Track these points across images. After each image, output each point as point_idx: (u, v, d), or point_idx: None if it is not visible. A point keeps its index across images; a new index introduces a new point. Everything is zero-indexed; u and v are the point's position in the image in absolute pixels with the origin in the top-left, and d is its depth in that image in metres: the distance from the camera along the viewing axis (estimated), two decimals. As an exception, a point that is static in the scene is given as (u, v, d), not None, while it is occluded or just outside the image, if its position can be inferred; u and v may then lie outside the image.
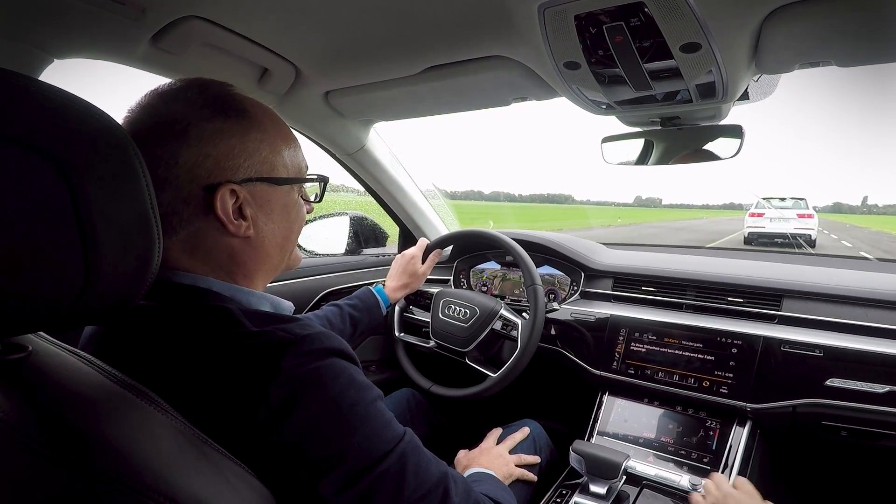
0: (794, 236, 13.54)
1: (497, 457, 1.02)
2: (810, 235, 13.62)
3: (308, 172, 0.67)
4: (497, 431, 1.14)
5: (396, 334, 1.42)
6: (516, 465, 1.03)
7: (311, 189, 0.72)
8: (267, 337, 0.50)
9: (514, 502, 0.76)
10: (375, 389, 0.55)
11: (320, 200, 0.74)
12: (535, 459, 1.08)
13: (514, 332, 1.25)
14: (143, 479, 0.37)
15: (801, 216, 13.97)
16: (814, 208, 14.56)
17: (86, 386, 0.43)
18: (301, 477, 0.47)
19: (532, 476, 1.04)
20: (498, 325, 1.28)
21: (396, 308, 1.44)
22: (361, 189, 1.67)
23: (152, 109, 0.57)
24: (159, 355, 0.52)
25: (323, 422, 0.49)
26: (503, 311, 1.29)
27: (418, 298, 1.48)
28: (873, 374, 0.98)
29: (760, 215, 14.55)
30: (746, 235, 14.55)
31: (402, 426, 0.56)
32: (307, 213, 0.69)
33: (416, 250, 1.35)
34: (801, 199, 14.66)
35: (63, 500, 0.36)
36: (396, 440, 0.53)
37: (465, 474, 0.92)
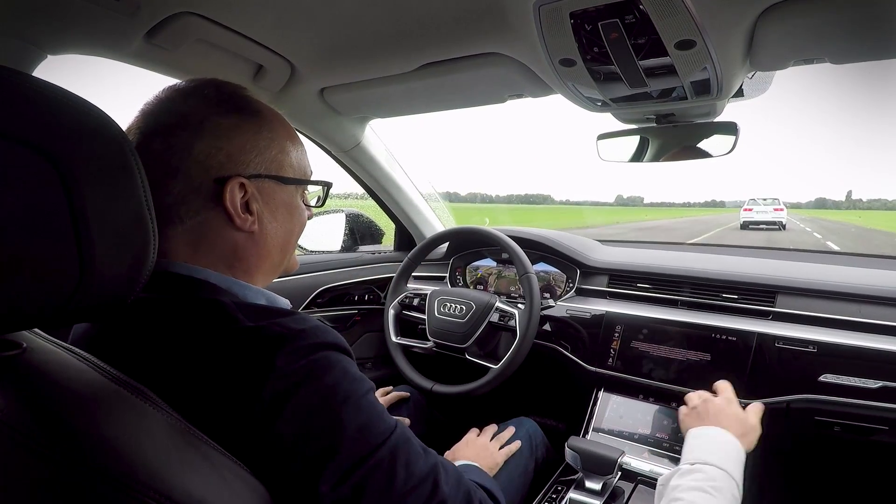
0: (772, 222, 24.31)
1: (482, 448, 1.02)
2: (782, 222, 24.47)
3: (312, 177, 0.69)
4: (492, 428, 1.14)
5: (393, 339, 1.40)
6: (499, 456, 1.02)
7: (312, 196, 0.74)
8: (262, 332, 0.50)
9: (500, 492, 0.77)
10: (368, 382, 0.55)
11: (322, 205, 0.76)
12: (517, 445, 1.08)
13: (511, 323, 1.25)
14: (137, 476, 0.37)
15: (776, 210, 25.19)
16: (785, 204, 26.45)
17: (80, 383, 0.43)
18: (295, 471, 0.47)
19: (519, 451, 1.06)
20: (495, 317, 1.28)
21: (391, 313, 1.43)
22: (359, 193, 1.67)
23: (170, 103, 0.59)
24: (154, 350, 0.52)
25: (316, 415, 0.49)
26: (499, 304, 1.29)
27: (412, 302, 1.47)
28: (866, 370, 0.99)
29: (750, 210, 25.68)
30: (742, 223, 25.18)
31: (393, 418, 0.56)
32: (307, 217, 0.70)
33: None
34: (776, 199, 26.53)
35: (58, 497, 0.36)
36: (388, 432, 0.53)
37: None
